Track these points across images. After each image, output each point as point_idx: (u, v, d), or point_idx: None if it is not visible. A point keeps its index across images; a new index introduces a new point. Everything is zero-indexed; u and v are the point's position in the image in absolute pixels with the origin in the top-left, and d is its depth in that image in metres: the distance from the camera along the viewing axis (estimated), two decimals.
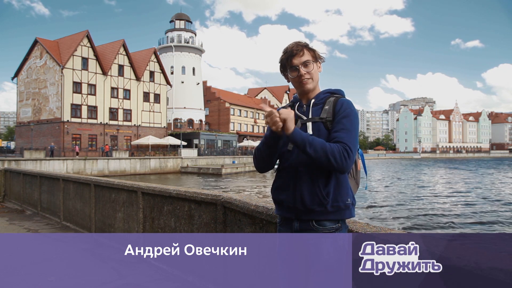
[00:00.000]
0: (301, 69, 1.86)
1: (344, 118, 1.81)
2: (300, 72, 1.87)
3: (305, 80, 1.88)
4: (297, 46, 1.89)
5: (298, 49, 1.88)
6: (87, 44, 44.38)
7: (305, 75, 1.87)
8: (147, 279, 4.06)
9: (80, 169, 35.53)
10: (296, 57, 1.87)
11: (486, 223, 14.22)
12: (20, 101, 47.27)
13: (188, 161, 46.08)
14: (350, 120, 1.82)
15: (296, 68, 1.87)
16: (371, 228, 1.97)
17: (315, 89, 1.94)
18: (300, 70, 1.87)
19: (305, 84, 1.89)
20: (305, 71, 1.87)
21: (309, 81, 1.88)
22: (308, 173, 1.81)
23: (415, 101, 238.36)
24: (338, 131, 1.79)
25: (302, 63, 1.86)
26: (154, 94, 51.54)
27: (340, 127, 1.80)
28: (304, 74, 1.87)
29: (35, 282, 3.98)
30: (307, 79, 1.88)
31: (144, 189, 4.63)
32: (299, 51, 1.87)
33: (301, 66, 1.86)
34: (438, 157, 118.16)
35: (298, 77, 1.88)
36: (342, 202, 1.81)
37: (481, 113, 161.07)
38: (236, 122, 67.71)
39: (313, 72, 1.88)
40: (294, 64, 1.87)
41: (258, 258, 2.77)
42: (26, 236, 6.28)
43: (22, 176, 9.58)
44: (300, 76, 1.88)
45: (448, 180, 34.73)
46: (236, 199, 3.11)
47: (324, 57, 1.96)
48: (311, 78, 1.88)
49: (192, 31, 59.72)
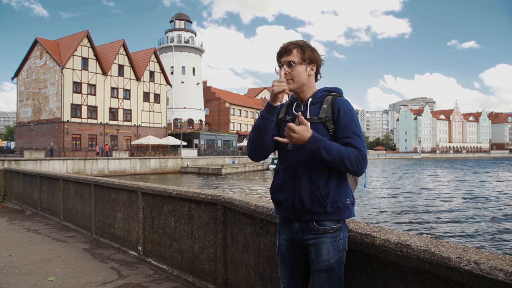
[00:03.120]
0: (283, 69, 1.87)
1: (349, 121, 1.80)
2: (281, 71, 1.86)
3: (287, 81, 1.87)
4: (288, 45, 1.89)
5: (288, 49, 1.88)
6: (87, 44, 44.37)
7: (286, 76, 1.86)
8: (147, 279, 4.06)
9: (80, 169, 35.53)
10: (284, 55, 1.88)
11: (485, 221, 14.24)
12: (20, 101, 47.27)
13: (188, 161, 46.08)
14: (356, 123, 1.82)
15: (280, 67, 1.88)
16: (371, 228, 1.97)
17: (312, 87, 1.93)
18: (282, 69, 1.87)
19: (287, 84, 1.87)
20: (286, 71, 1.86)
21: (290, 82, 1.87)
22: (307, 173, 1.81)
23: (415, 101, 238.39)
24: (349, 136, 1.78)
25: (286, 62, 1.87)
26: (154, 94, 51.53)
27: (349, 132, 1.79)
28: (283, 74, 1.85)
29: (35, 282, 3.98)
30: (287, 80, 1.86)
31: (144, 189, 4.63)
32: (287, 51, 1.88)
33: (284, 65, 1.87)
34: (438, 157, 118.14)
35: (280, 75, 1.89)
36: (341, 203, 1.81)
37: (481, 113, 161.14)
38: (236, 122, 67.71)
39: (295, 74, 1.86)
40: (280, 62, 1.89)
41: (258, 257, 2.77)
42: (26, 236, 6.28)
43: (22, 176, 9.58)
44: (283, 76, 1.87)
45: (447, 180, 34.75)
46: (236, 199, 3.11)
47: (323, 61, 1.95)
48: (291, 79, 1.87)
49: (192, 31, 59.72)
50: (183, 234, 3.94)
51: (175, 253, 4.08)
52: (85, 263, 4.69)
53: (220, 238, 3.36)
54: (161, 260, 4.32)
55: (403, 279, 1.71)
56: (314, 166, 1.80)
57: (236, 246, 3.15)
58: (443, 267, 1.48)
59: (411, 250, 1.62)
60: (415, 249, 1.60)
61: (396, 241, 1.71)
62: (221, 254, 3.35)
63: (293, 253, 1.91)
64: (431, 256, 1.54)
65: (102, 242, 5.64)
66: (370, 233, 1.87)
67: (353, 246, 1.91)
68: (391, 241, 1.73)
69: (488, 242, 11.40)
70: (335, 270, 1.78)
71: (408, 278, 1.69)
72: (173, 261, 4.11)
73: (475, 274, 1.37)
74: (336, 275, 1.78)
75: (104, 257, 4.95)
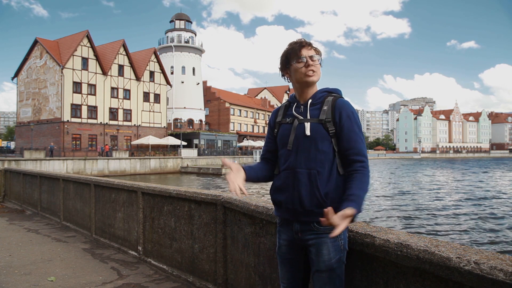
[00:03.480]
0: (309, 61, 1.87)
1: (353, 125, 1.81)
2: (308, 62, 1.87)
3: (311, 72, 1.88)
4: (306, 41, 1.91)
5: (307, 43, 1.90)
6: (87, 44, 44.37)
7: (312, 67, 1.87)
8: (147, 279, 4.06)
9: (80, 169, 35.53)
10: (305, 48, 1.88)
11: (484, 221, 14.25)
12: (20, 101, 47.28)
13: (188, 161, 46.07)
14: (359, 126, 1.84)
15: (304, 59, 1.87)
16: (371, 228, 1.97)
17: (314, 87, 1.93)
18: (308, 61, 1.87)
19: (310, 76, 1.88)
20: (312, 63, 1.87)
21: (315, 74, 1.89)
22: (306, 174, 1.81)
23: (415, 101, 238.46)
24: (357, 153, 1.80)
25: (309, 56, 1.87)
26: (154, 94, 51.53)
27: (355, 137, 1.80)
28: (311, 65, 1.87)
29: (35, 282, 3.98)
30: (313, 72, 1.88)
31: (144, 189, 4.63)
32: (307, 44, 1.89)
33: (309, 58, 1.87)
34: (438, 157, 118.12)
35: (305, 67, 1.87)
36: (341, 203, 1.80)
37: (481, 113, 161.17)
38: (236, 122, 67.70)
39: (318, 67, 1.89)
40: (303, 55, 1.87)
41: (258, 258, 2.77)
42: (26, 236, 6.28)
43: (22, 176, 9.58)
44: (308, 66, 1.87)
45: (447, 180, 34.75)
46: (236, 199, 3.10)
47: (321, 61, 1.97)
48: (316, 72, 1.89)
49: (192, 31, 59.71)
50: (183, 234, 3.94)
51: (175, 253, 4.08)
52: (85, 263, 4.69)
53: (220, 238, 3.36)
54: (161, 260, 4.32)
55: (403, 279, 1.71)
56: (313, 167, 1.80)
57: (236, 246, 3.15)
58: (443, 267, 1.48)
59: (411, 250, 1.62)
60: (415, 249, 1.60)
61: (396, 241, 1.71)
62: (221, 254, 3.35)
63: (294, 253, 1.91)
64: (431, 256, 1.53)
65: (102, 242, 5.64)
66: (370, 233, 1.87)
67: (353, 246, 1.91)
68: (391, 241, 1.73)
69: (488, 242, 11.40)
70: (336, 270, 1.78)
71: (408, 278, 1.68)
72: (173, 261, 4.11)
73: (475, 274, 1.37)
74: (336, 275, 1.78)
75: (104, 257, 4.95)
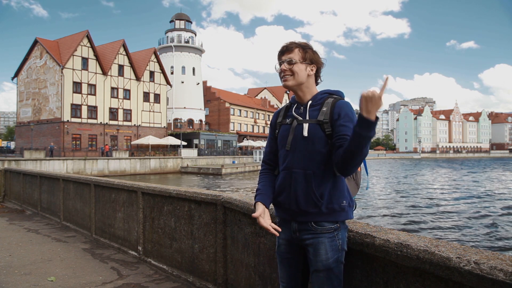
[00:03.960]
0: (284, 65, 1.89)
1: (348, 122, 1.78)
2: (282, 67, 1.89)
3: (285, 77, 1.89)
4: (290, 44, 1.91)
5: (290, 47, 1.90)
6: (87, 44, 44.36)
7: (286, 72, 1.88)
8: (147, 279, 4.05)
9: (80, 169, 35.53)
10: (285, 53, 1.90)
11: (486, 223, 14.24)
12: (20, 101, 47.26)
13: (188, 161, 46.07)
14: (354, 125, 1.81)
15: (281, 64, 1.90)
16: (371, 228, 1.97)
17: (310, 89, 1.92)
18: (282, 65, 1.89)
19: (284, 80, 1.90)
20: (286, 67, 1.88)
21: (289, 78, 1.89)
22: (303, 175, 1.81)
23: (415, 101, 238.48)
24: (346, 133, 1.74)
25: (287, 60, 1.88)
26: (154, 94, 51.51)
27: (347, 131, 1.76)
28: (284, 70, 1.88)
29: (35, 282, 3.98)
30: (287, 76, 1.89)
31: (144, 189, 4.63)
32: (289, 49, 1.90)
33: (285, 63, 1.88)
34: (438, 157, 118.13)
35: (280, 72, 1.91)
36: (337, 204, 1.80)
37: (481, 113, 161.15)
38: (236, 122, 67.68)
39: (296, 70, 1.88)
40: (280, 60, 1.91)
41: (258, 257, 2.77)
42: (26, 236, 6.28)
43: (22, 176, 9.58)
44: (281, 72, 1.90)
45: (447, 180, 34.76)
46: (236, 199, 3.10)
47: (323, 64, 1.96)
48: (292, 75, 1.88)
49: (192, 31, 59.69)
50: (183, 234, 3.94)
51: (175, 253, 4.08)
52: (85, 263, 4.69)
53: (220, 238, 3.36)
54: (161, 260, 4.32)
55: (403, 279, 1.71)
56: (309, 167, 1.80)
57: (236, 246, 3.15)
58: (443, 267, 1.48)
59: (411, 250, 1.62)
60: (415, 249, 1.60)
61: (396, 241, 1.71)
62: (221, 254, 3.35)
63: (292, 253, 1.92)
64: (431, 256, 1.53)
65: (102, 242, 5.64)
66: (370, 233, 1.87)
67: (353, 246, 1.91)
68: (391, 241, 1.73)
69: (488, 242, 11.39)
70: (334, 270, 1.78)
71: (408, 278, 1.69)
72: (173, 261, 4.11)
73: (475, 274, 1.38)
74: (334, 275, 1.78)
75: (104, 257, 4.95)
